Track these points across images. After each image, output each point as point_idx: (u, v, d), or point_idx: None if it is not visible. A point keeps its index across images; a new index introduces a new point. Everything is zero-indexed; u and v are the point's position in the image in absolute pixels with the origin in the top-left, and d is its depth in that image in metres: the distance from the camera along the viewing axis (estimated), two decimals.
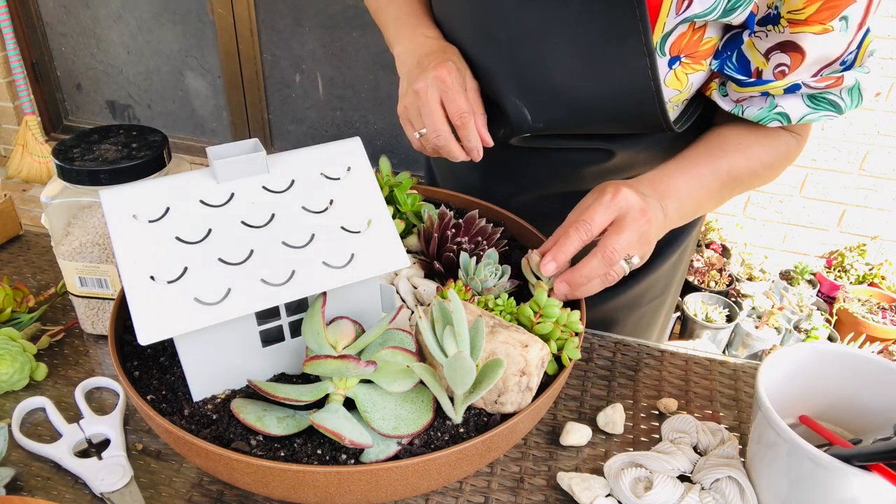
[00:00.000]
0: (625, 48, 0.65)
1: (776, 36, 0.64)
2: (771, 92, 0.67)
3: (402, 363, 0.53)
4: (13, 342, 0.68)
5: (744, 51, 0.67)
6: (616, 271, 0.61)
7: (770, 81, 0.66)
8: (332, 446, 0.50)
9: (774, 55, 0.65)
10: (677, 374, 0.73)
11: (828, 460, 0.49)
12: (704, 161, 0.70)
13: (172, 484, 0.59)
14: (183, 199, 0.52)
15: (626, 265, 0.61)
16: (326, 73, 2.55)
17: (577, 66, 0.69)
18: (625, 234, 0.60)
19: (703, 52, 0.67)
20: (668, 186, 0.67)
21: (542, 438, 0.65)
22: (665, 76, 0.68)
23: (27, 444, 0.61)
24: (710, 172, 0.70)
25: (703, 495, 0.56)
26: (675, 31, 0.64)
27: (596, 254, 0.60)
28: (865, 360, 0.59)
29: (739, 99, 0.70)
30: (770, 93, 0.67)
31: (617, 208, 0.61)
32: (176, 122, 2.82)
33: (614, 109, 0.71)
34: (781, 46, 0.64)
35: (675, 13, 0.63)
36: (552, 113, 0.74)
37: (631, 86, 0.67)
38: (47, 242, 0.91)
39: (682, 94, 0.71)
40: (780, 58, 0.65)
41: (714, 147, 0.72)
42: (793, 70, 0.64)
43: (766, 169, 0.73)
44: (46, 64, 2.82)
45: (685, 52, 0.67)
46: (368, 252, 0.54)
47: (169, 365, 0.57)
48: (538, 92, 0.73)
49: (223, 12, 2.48)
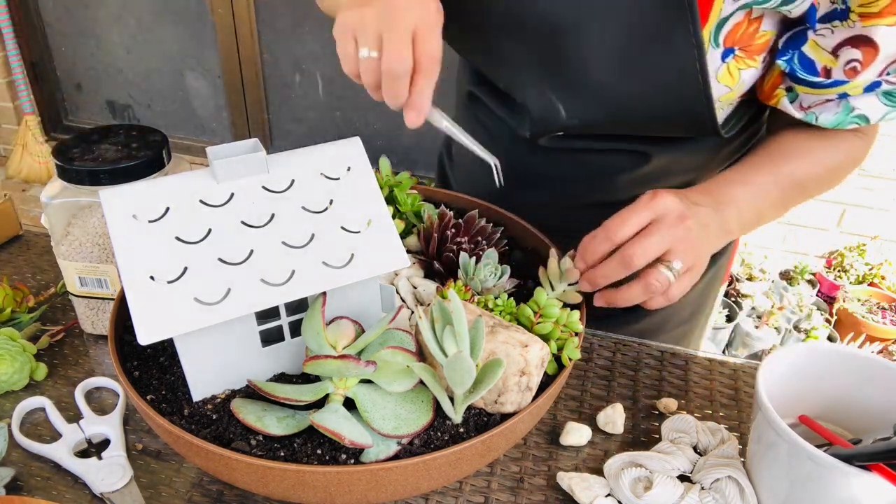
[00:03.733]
0: (672, 38, 0.61)
1: (845, 31, 0.60)
2: (849, 92, 0.62)
3: (402, 363, 0.53)
4: (13, 342, 0.68)
5: (805, 51, 0.63)
6: (659, 280, 0.58)
7: (846, 82, 0.62)
8: (332, 446, 0.50)
9: (844, 51, 0.61)
10: (677, 374, 0.73)
11: (828, 460, 0.49)
12: (766, 168, 0.67)
13: (172, 484, 0.59)
14: (183, 198, 0.52)
15: (668, 273, 0.58)
16: (326, 73, 2.54)
17: (618, 58, 0.64)
18: (651, 238, 0.57)
19: (757, 47, 0.64)
20: (725, 195, 0.64)
21: (542, 438, 0.65)
22: (717, 70, 0.64)
23: (27, 444, 0.61)
24: (771, 180, 0.66)
25: (703, 495, 0.56)
26: (731, 18, 0.61)
27: (616, 255, 0.58)
28: (865, 360, 0.59)
29: (811, 105, 0.65)
30: (848, 93, 0.63)
31: (652, 212, 0.59)
32: (176, 122, 2.82)
33: (658, 107, 0.67)
34: (852, 41, 0.60)
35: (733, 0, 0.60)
36: (588, 109, 0.69)
37: (677, 80, 0.63)
38: (47, 242, 0.91)
39: (733, 93, 0.67)
40: (851, 53, 0.61)
41: (775, 153, 0.68)
42: (865, 66, 0.60)
43: (831, 173, 0.69)
44: (46, 64, 2.82)
45: (740, 45, 0.63)
46: (368, 252, 0.54)
47: (169, 365, 0.57)
48: (574, 86, 0.68)
49: (223, 12, 2.48)
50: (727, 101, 0.69)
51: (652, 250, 0.58)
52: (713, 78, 0.64)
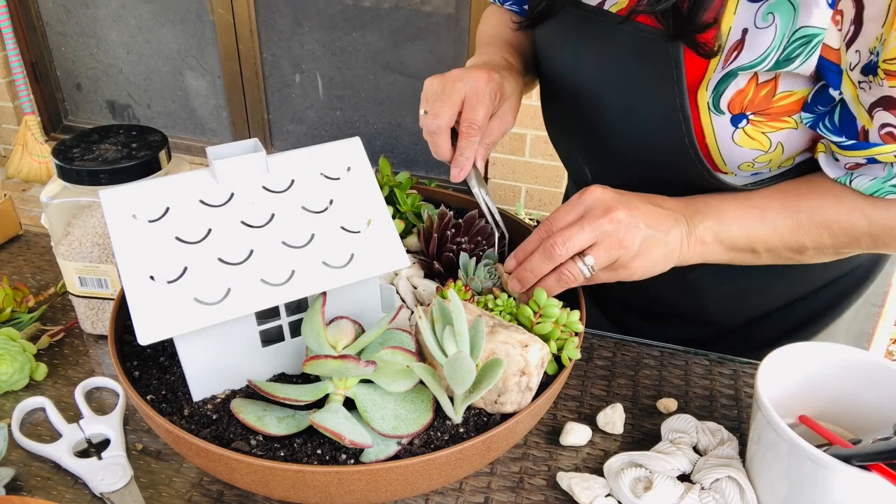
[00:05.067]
0: (663, 105, 0.62)
1: (877, 90, 0.53)
2: (879, 158, 0.55)
3: (402, 363, 0.53)
4: (13, 342, 0.68)
5: (850, 105, 0.57)
6: (571, 272, 0.58)
7: (877, 145, 0.55)
8: (331, 446, 0.50)
9: (877, 113, 0.54)
10: (677, 374, 0.73)
11: (828, 460, 0.49)
12: (776, 195, 0.62)
13: (172, 484, 0.59)
14: (183, 199, 0.52)
15: (583, 267, 0.58)
16: (326, 73, 2.55)
17: (630, 125, 0.67)
18: (573, 229, 0.57)
19: (780, 109, 0.59)
20: (706, 206, 0.62)
21: (542, 438, 0.65)
22: (732, 134, 0.61)
23: (27, 444, 0.61)
24: (779, 207, 0.61)
25: (703, 495, 0.56)
26: (728, 86, 0.59)
27: (539, 248, 0.59)
28: (865, 360, 0.59)
29: (849, 165, 0.59)
30: (877, 159, 0.56)
31: (582, 206, 0.59)
32: (176, 122, 2.82)
33: (666, 171, 0.67)
34: (883, 103, 0.54)
35: (721, 66, 0.58)
36: (608, 171, 0.72)
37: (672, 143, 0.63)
38: (47, 242, 0.91)
39: (772, 155, 0.62)
40: (884, 117, 0.54)
41: (801, 185, 0.62)
42: None
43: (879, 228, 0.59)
44: (46, 64, 2.82)
45: (753, 110, 0.60)
46: (368, 252, 0.54)
47: (169, 365, 0.57)
48: (596, 149, 0.72)
49: (223, 12, 2.48)
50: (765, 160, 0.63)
51: (574, 242, 0.57)
52: (731, 142, 0.62)
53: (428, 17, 2.35)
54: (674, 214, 0.60)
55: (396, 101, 2.53)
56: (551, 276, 0.59)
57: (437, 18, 2.35)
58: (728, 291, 0.79)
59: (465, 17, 2.30)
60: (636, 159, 0.70)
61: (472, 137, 0.64)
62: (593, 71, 0.69)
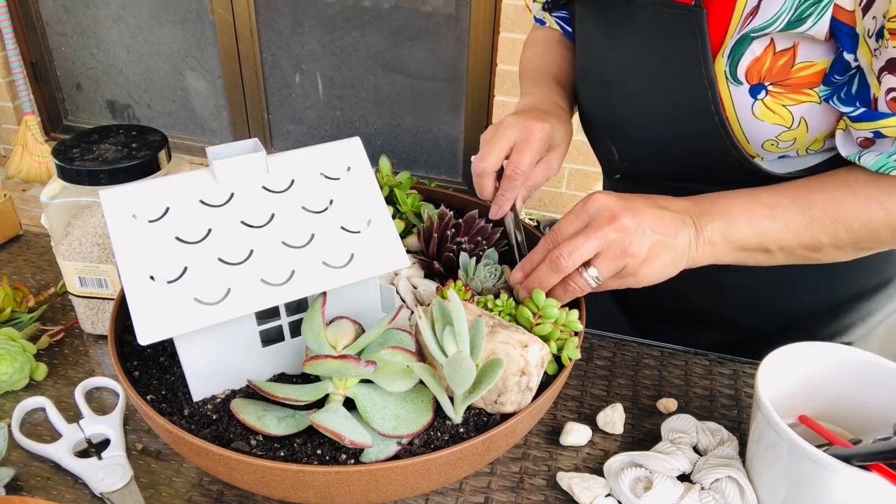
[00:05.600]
0: (688, 79, 0.61)
1: (885, 52, 0.52)
2: (885, 133, 0.54)
3: (402, 363, 0.53)
4: (13, 342, 0.68)
5: (867, 76, 0.55)
6: (577, 283, 0.57)
7: (885, 116, 0.53)
8: (332, 446, 0.50)
9: (885, 77, 0.53)
10: (677, 374, 0.73)
11: (828, 460, 0.49)
12: (786, 191, 0.59)
13: (172, 484, 0.59)
14: (183, 199, 0.52)
15: (588, 278, 0.57)
16: (326, 73, 2.54)
17: (651, 101, 0.67)
18: (579, 239, 0.56)
19: (800, 80, 0.58)
20: (713, 205, 0.59)
21: (542, 438, 0.65)
22: (752, 107, 0.60)
23: (27, 444, 0.61)
24: (790, 202, 0.59)
25: (703, 495, 0.56)
26: (744, 53, 0.59)
27: (545, 259, 0.58)
28: (865, 360, 0.59)
29: (860, 140, 0.57)
30: (883, 133, 0.54)
31: (587, 215, 0.58)
32: (176, 122, 2.82)
33: (688, 146, 0.66)
34: (890, 66, 0.52)
35: (738, 30, 0.58)
36: (635, 151, 0.73)
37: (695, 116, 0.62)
38: (47, 242, 0.91)
39: (795, 132, 0.60)
40: (891, 81, 0.52)
41: (814, 180, 0.60)
42: None
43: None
44: (46, 64, 2.82)
45: (771, 80, 0.58)
46: (368, 252, 0.54)
47: (169, 365, 0.57)
48: (623, 130, 0.73)
49: (223, 12, 2.48)
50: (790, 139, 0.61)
51: (579, 253, 0.56)
52: (751, 115, 0.60)
53: (428, 17, 2.35)
54: (681, 216, 0.58)
55: (396, 101, 2.53)
56: (558, 288, 0.59)
57: (437, 18, 2.35)
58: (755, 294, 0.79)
59: (465, 17, 2.30)
60: (667, 144, 0.69)
61: (514, 181, 0.66)
62: (620, 56, 0.69)
